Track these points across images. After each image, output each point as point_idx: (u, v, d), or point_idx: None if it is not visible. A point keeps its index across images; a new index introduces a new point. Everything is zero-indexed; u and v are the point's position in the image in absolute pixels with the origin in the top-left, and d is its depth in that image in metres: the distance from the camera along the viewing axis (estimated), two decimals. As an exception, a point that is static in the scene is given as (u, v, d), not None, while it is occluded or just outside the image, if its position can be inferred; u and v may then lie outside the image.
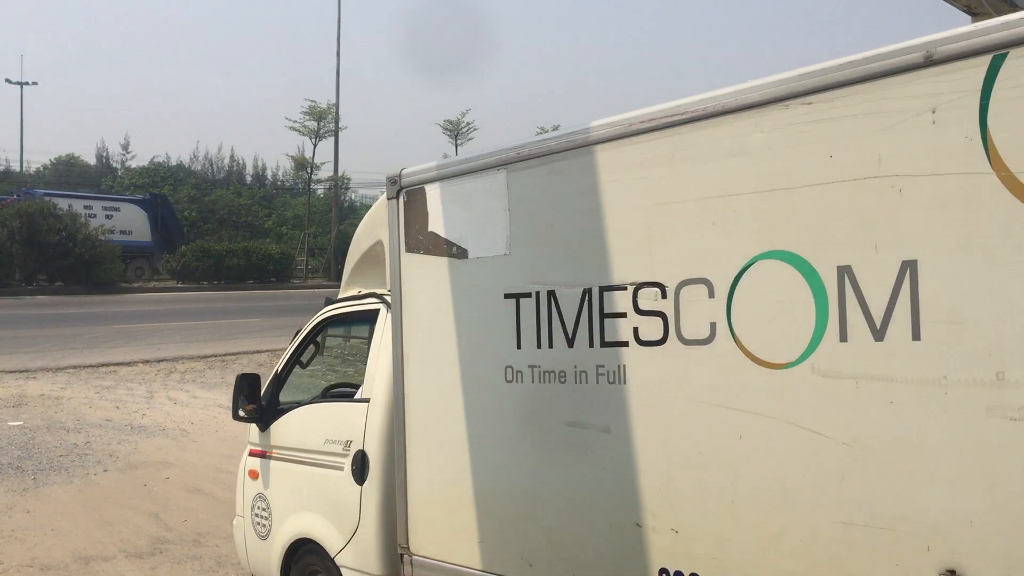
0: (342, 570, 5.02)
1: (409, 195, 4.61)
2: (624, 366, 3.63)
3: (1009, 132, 2.60)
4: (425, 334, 4.55)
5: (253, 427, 5.83)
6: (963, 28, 2.69)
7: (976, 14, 10.72)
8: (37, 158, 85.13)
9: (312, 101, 43.08)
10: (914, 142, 2.79)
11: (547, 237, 3.95)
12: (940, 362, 2.75)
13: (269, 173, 73.96)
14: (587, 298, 3.76)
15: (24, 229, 32.37)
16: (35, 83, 59.70)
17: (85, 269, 34.36)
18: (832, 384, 2.99)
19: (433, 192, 4.49)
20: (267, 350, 18.36)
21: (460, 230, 4.36)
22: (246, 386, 5.69)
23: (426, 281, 4.52)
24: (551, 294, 3.91)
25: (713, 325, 3.32)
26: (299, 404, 5.58)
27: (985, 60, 2.63)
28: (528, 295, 4.01)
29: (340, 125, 44.08)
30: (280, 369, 5.80)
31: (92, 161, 69.66)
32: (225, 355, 17.73)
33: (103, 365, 15.90)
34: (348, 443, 5.06)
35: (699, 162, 3.36)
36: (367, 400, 4.99)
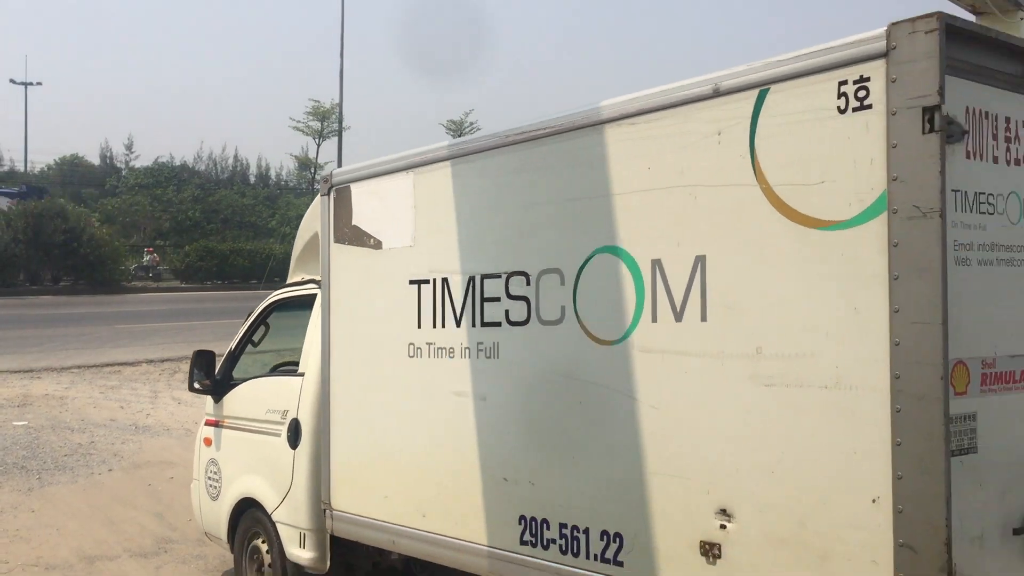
0: (277, 525, 5.60)
1: (338, 193, 5.26)
2: (498, 343, 4.26)
3: (769, 152, 3.22)
4: (347, 315, 5.19)
5: (209, 399, 6.43)
6: (740, 67, 3.31)
7: (981, 13, 10.70)
8: (41, 158, 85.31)
9: (316, 101, 43.30)
10: (705, 158, 3.40)
11: (444, 231, 4.57)
12: (719, 339, 3.36)
13: (273, 173, 73.97)
14: (471, 285, 4.39)
15: (29, 229, 32.48)
16: (39, 83, 59.84)
17: (89, 269, 34.46)
18: (646, 357, 3.62)
19: (357, 190, 5.15)
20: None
21: (377, 224, 5.01)
22: (202, 362, 6.37)
23: (349, 268, 5.17)
24: (445, 281, 4.54)
25: (563, 308, 3.95)
26: (249, 378, 6.19)
27: (754, 93, 3.24)
28: (427, 282, 4.65)
29: (344, 125, 44.11)
30: (233, 347, 6.41)
31: (96, 161, 69.75)
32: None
33: (107, 365, 15.93)
34: (285, 412, 5.67)
35: (554, 170, 4.01)
36: (302, 374, 5.60)
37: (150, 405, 12.88)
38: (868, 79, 2.96)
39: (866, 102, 2.97)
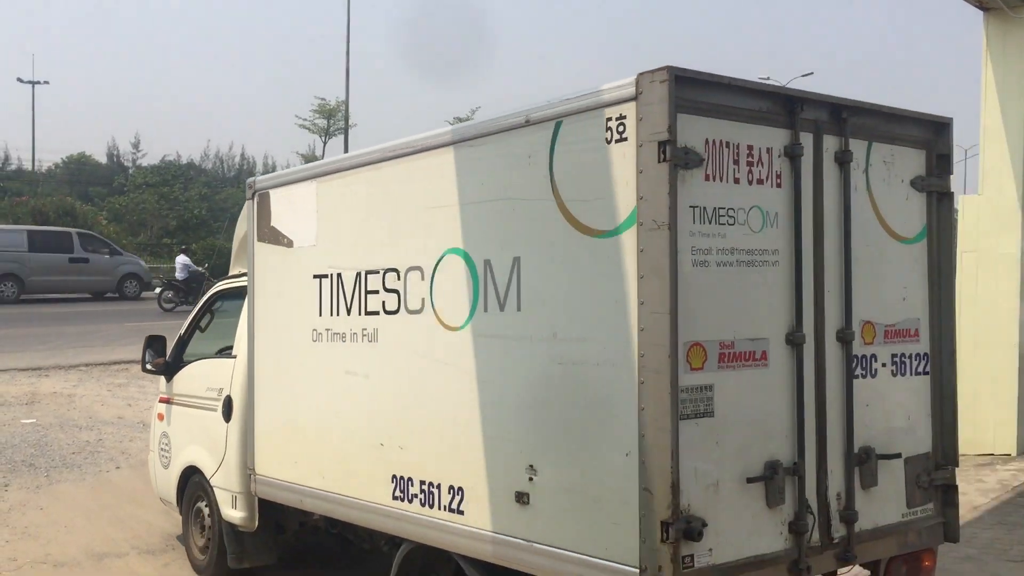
0: (215, 489, 6.39)
1: (260, 197, 6.04)
2: (377, 329, 5.02)
3: (562, 173, 3.95)
4: (267, 304, 5.98)
5: (162, 378, 7.24)
6: (544, 102, 4.05)
7: (987, 9, 10.65)
8: (49, 157, 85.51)
9: (322, 99, 43.29)
10: (520, 177, 4.13)
11: (338, 233, 5.38)
12: (530, 326, 4.10)
13: (278, 171, 73.74)
14: (358, 279, 5.14)
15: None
16: (46, 82, 59.99)
17: (97, 267, 34.49)
18: (480, 341, 4.36)
19: (274, 195, 5.93)
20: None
21: (289, 225, 5.79)
22: (155, 345, 7.27)
23: (268, 263, 5.96)
24: (339, 276, 5.29)
25: (423, 299, 4.69)
26: (195, 360, 6.99)
27: (552, 124, 3.97)
28: (326, 276, 5.40)
29: (350, 123, 44.08)
30: (183, 332, 7.21)
31: (103, 160, 69.86)
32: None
33: (115, 363, 15.93)
34: (220, 390, 6.44)
35: (416, 183, 4.78)
36: (235, 357, 6.36)
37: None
38: (625, 117, 3.67)
39: (624, 135, 3.68)
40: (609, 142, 3.73)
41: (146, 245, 42.54)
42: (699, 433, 3.64)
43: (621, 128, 3.69)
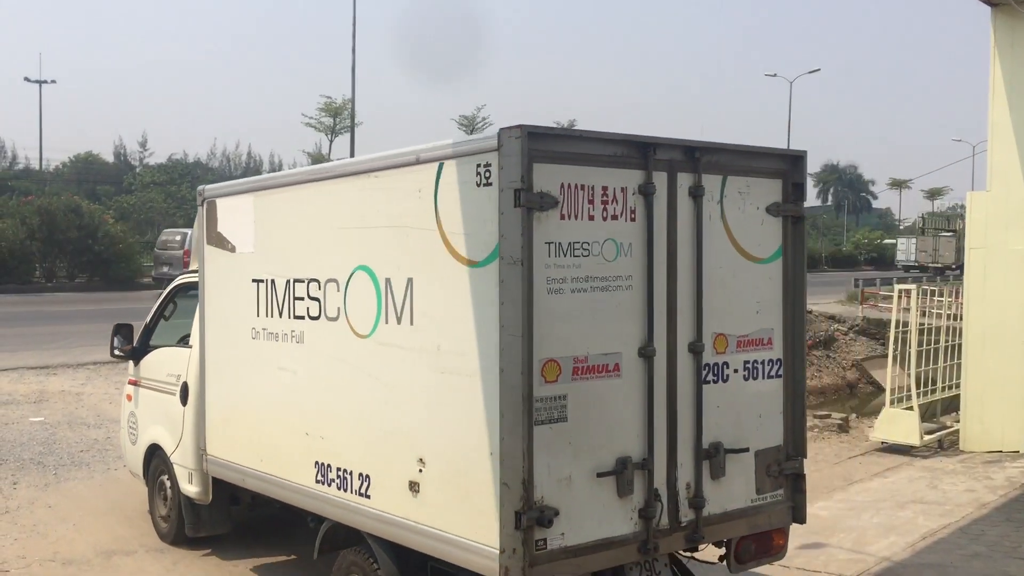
0: (174, 465, 7.14)
1: (208, 205, 6.72)
2: (303, 332, 5.67)
3: (444, 208, 4.56)
4: (215, 302, 6.67)
5: (131, 363, 7.96)
6: (432, 144, 4.67)
7: (995, 4, 10.60)
8: (56, 156, 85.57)
9: (328, 97, 43.31)
10: (413, 207, 4.74)
11: (272, 242, 6.04)
12: (420, 338, 4.75)
13: (286, 169, 73.86)
14: (288, 285, 5.80)
15: (44, 227, 32.60)
16: (53, 81, 59.94)
17: (104, 266, 34.59)
18: (383, 348, 5.00)
19: (221, 204, 6.63)
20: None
21: (233, 232, 6.45)
22: (122, 332, 7.99)
23: (216, 265, 6.64)
24: (272, 281, 5.95)
25: (339, 308, 5.33)
26: (159, 347, 7.70)
27: (436, 164, 4.59)
28: (263, 281, 6.05)
29: (356, 121, 44.08)
30: (148, 321, 7.97)
31: (110, 159, 69.93)
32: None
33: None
34: (179, 376, 7.16)
35: (332, 204, 5.45)
36: (191, 346, 7.07)
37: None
38: (490, 165, 4.24)
39: (489, 180, 4.26)
40: (478, 185, 4.35)
41: (153, 244, 42.68)
42: (552, 436, 4.28)
43: (487, 174, 4.29)
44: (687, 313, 4.79)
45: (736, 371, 5.00)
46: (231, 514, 7.11)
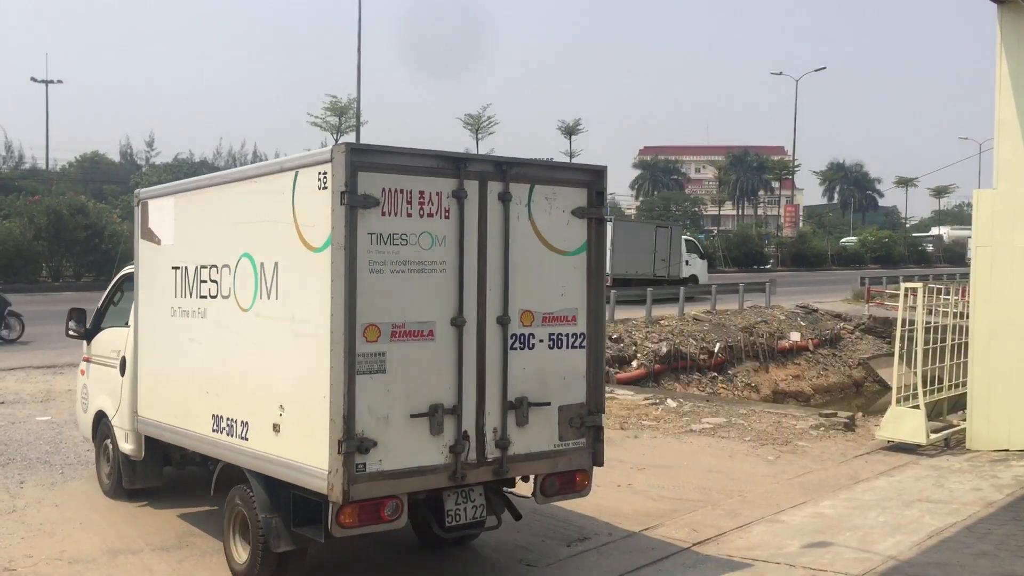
0: (114, 428, 8.40)
1: (142, 205, 8.07)
2: (205, 308, 6.94)
3: (300, 206, 5.81)
4: (145, 287, 7.98)
5: (84, 342, 9.29)
6: (292, 156, 6.05)
7: (1002, 1, 10.56)
8: (63, 156, 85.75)
9: (333, 96, 43.34)
10: (279, 206, 5.97)
11: (186, 235, 7.41)
12: (282, 309, 5.99)
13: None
14: (196, 271, 7.06)
15: (51, 226, 32.65)
16: (60, 81, 60.19)
17: (110, 265, 34.63)
18: (258, 319, 6.24)
19: (151, 204, 7.98)
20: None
21: (159, 228, 7.83)
22: (76, 316, 9.21)
23: (147, 256, 7.98)
24: (185, 268, 7.23)
25: (230, 288, 6.57)
26: (105, 328, 9.00)
27: (293, 172, 5.88)
28: (179, 268, 7.34)
29: (361, 120, 44.07)
30: (99, 306, 9.28)
31: (116, 158, 70.03)
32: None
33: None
34: (119, 352, 8.45)
35: (226, 205, 6.84)
36: (129, 326, 8.25)
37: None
38: (326, 173, 5.50)
39: (326, 185, 5.51)
40: (319, 189, 5.59)
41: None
42: (372, 384, 5.51)
43: (325, 180, 5.52)
44: (496, 293, 6.00)
45: (542, 341, 6.23)
46: (162, 471, 8.29)
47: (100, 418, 8.72)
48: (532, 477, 6.37)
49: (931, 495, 8.86)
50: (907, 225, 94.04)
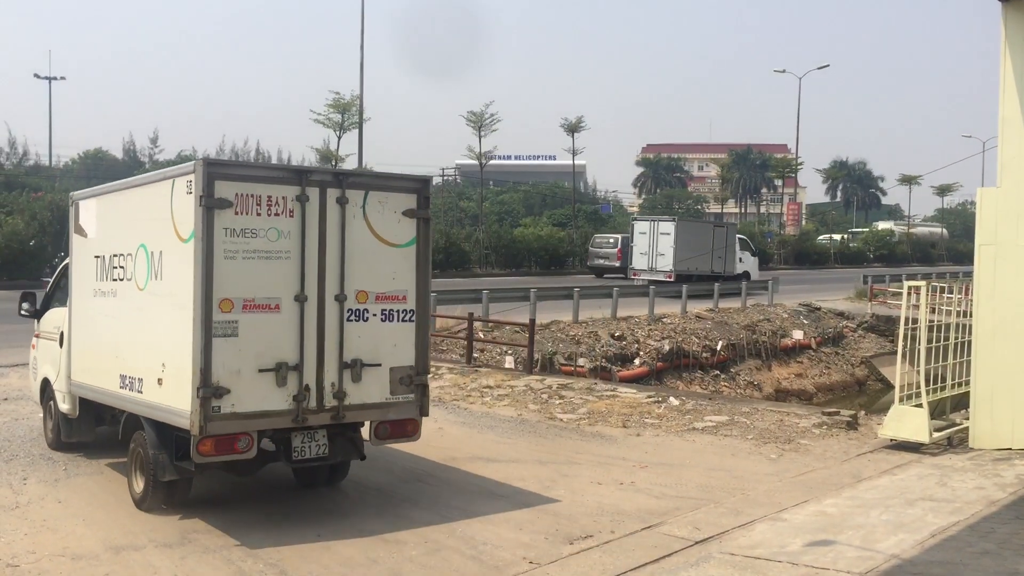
0: (55, 391, 9.92)
1: (75, 205, 9.64)
2: (115, 289, 8.45)
3: (176, 206, 7.34)
4: (76, 272, 9.45)
5: (36, 321, 10.86)
6: (173, 168, 7.52)
7: (1008, 0, 10.53)
8: (66, 152, 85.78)
9: (336, 93, 43.23)
10: (163, 205, 7.49)
11: (103, 229, 9.01)
12: (165, 287, 7.51)
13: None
14: (110, 258, 8.56)
15: (54, 222, 32.62)
16: (63, 78, 60.06)
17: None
18: (150, 296, 7.74)
19: (81, 204, 9.55)
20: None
21: (85, 223, 9.39)
22: (28, 298, 10.83)
23: (78, 247, 9.50)
24: (103, 256, 8.73)
25: (132, 272, 8.08)
26: (51, 308, 10.51)
27: (172, 180, 7.45)
28: (99, 256, 8.83)
29: (364, 117, 44.04)
30: (48, 290, 10.80)
31: (120, 155, 70.01)
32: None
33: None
34: (59, 327, 9.92)
35: (133, 203, 8.33)
36: (67, 306, 9.62)
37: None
38: (192, 181, 7.03)
39: (191, 191, 7.08)
40: (187, 193, 7.18)
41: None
42: (226, 345, 7.08)
43: (191, 187, 7.13)
44: (334, 276, 7.53)
45: (375, 315, 7.76)
46: (95, 429, 9.67)
47: (46, 384, 10.24)
48: (369, 423, 7.87)
49: (934, 494, 8.85)
50: (910, 223, 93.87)
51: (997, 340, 10.88)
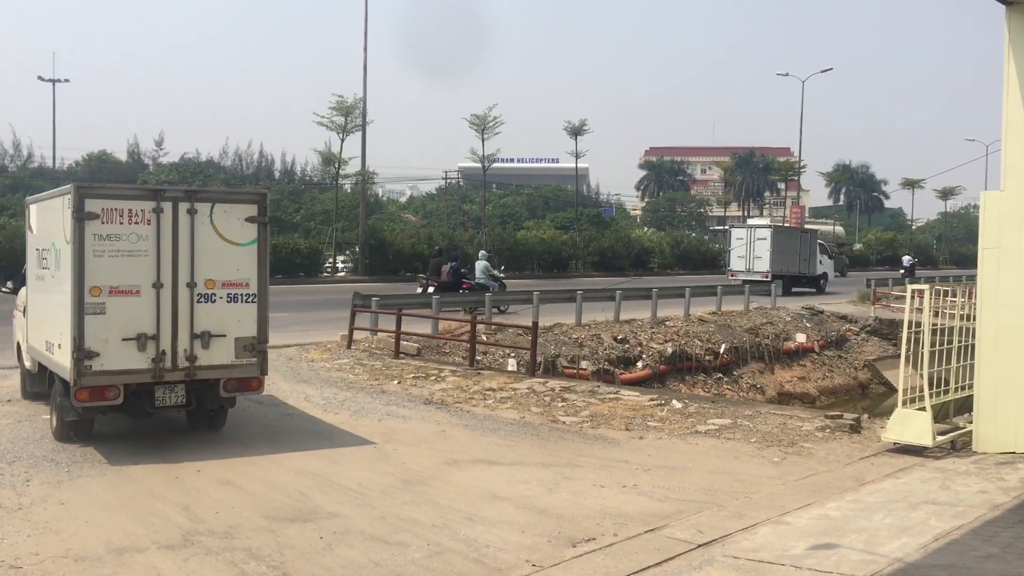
0: (22, 354, 12.46)
1: (28, 207, 12.06)
2: (43, 275, 10.93)
3: (64, 215, 9.86)
4: (29, 260, 11.82)
5: (16, 296, 13.12)
6: (63, 187, 10.25)
7: (1010, 3, 10.53)
8: (70, 155, 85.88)
9: (339, 96, 43.25)
10: (59, 215, 10.03)
11: (38, 229, 11.41)
12: (63, 276, 9.87)
13: (298, 168, 74.07)
14: (41, 251, 11.01)
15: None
16: (67, 80, 60.26)
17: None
18: (57, 282, 10.26)
19: (31, 207, 11.91)
20: (296, 344, 18.42)
21: (34, 223, 11.65)
22: (13, 279, 13.68)
23: (30, 241, 11.81)
24: (39, 249, 11.13)
25: (53, 263, 10.40)
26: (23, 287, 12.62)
27: (63, 197, 9.98)
28: (38, 249, 11.22)
29: (367, 119, 44.07)
30: (23, 272, 12.56)
31: (123, 157, 70.10)
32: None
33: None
34: (23, 303, 12.25)
35: (49, 212, 10.74)
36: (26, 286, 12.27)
37: (177, 399, 12.96)
38: (70, 200, 9.55)
39: (70, 206, 9.53)
40: (67, 207, 9.58)
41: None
42: (96, 320, 9.47)
43: (69, 203, 9.50)
44: (186, 268, 9.91)
45: (222, 298, 10.09)
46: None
47: (19, 347, 12.84)
48: (219, 380, 10.16)
49: (937, 497, 8.84)
50: (913, 227, 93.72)
51: (1000, 343, 10.86)
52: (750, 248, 37.98)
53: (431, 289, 23.76)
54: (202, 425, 10.98)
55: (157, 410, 10.02)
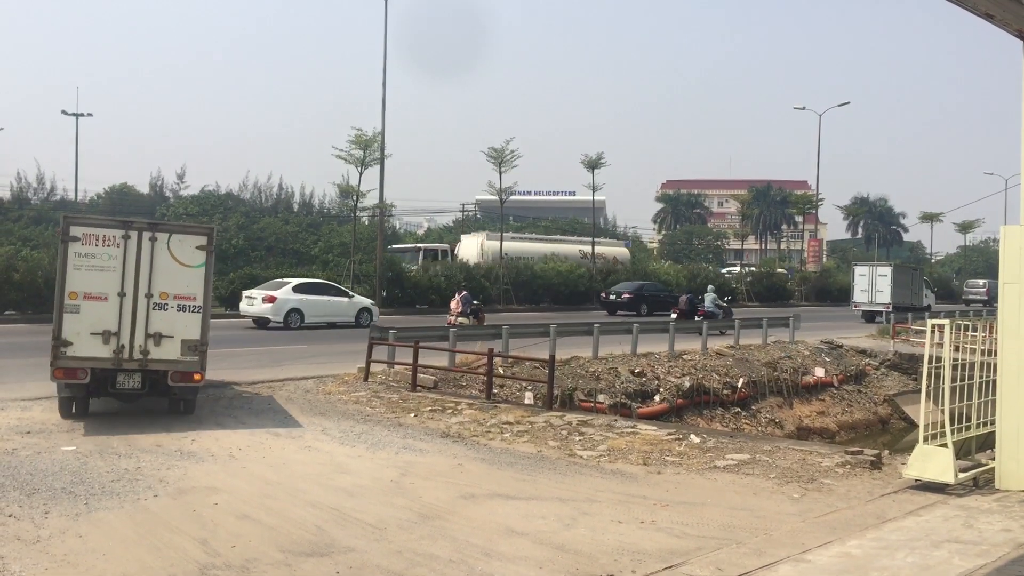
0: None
1: (63, 223, 13.94)
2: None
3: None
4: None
5: None
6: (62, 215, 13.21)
7: (1027, 34, 10.55)
8: (93, 187, 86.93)
9: (359, 130, 43.60)
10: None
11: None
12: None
13: (316, 201, 74.68)
14: None
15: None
16: (90, 114, 61.11)
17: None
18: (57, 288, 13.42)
19: (71, 228, 13.76)
20: (313, 376, 18.44)
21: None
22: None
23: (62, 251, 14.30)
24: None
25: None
26: None
27: (60, 224, 13.38)
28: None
29: (385, 153, 44.39)
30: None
31: (145, 190, 70.92)
32: (272, 381, 17.87)
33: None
34: None
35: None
36: None
37: (194, 431, 13.01)
38: (59, 227, 13.17)
39: (57, 233, 13.29)
40: (59, 232, 12.97)
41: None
42: (72, 318, 12.84)
43: (59, 231, 12.99)
44: (145, 282, 13.06)
45: (173, 307, 13.20)
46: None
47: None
48: (168, 372, 13.12)
49: (960, 536, 8.72)
50: (932, 260, 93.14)
51: (1022, 379, 10.75)
52: (872, 283, 45.10)
53: (673, 315, 29.11)
54: (177, 409, 13.96)
55: (118, 391, 13.23)
